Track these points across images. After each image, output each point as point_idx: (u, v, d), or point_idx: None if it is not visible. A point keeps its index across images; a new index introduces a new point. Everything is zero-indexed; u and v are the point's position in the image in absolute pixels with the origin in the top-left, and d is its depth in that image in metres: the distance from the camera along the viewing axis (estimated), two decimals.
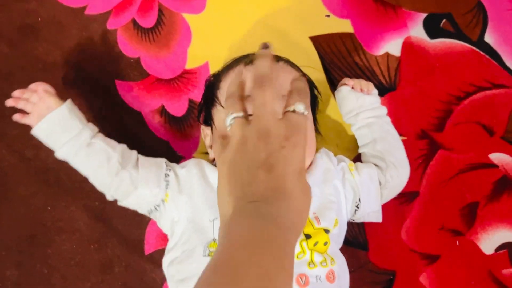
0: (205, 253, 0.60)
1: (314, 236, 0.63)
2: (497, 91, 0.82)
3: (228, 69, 0.73)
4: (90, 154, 0.67)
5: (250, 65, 0.70)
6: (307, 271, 0.61)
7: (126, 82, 0.86)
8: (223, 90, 0.71)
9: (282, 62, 0.73)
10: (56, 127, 0.69)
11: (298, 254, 0.61)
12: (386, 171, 0.73)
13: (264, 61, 0.45)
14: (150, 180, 0.67)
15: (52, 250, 0.77)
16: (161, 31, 0.88)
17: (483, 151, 0.80)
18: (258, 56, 0.46)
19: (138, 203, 0.69)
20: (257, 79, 0.45)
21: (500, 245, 0.76)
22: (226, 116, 0.46)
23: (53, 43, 0.88)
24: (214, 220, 0.63)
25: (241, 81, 0.52)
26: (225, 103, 0.49)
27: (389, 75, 0.85)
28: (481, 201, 0.78)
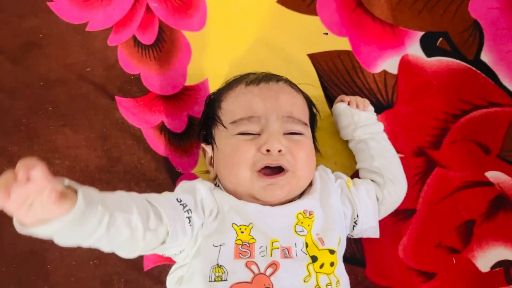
0: (211, 278, 0.60)
1: (320, 258, 0.63)
2: (493, 109, 0.83)
3: (229, 89, 0.74)
4: (113, 233, 0.53)
5: (250, 85, 0.72)
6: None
7: (126, 98, 0.87)
8: (224, 111, 0.72)
9: (281, 82, 0.74)
10: (70, 227, 0.48)
11: (305, 278, 0.61)
12: (383, 187, 0.73)
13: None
14: (178, 234, 0.60)
15: (53, 267, 0.78)
16: (161, 48, 0.89)
17: (479, 169, 0.80)
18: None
19: (159, 252, 0.63)
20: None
21: (496, 263, 0.76)
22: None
23: (55, 60, 0.89)
24: (221, 246, 0.62)
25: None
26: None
27: (386, 92, 0.86)
28: (477, 219, 0.79)
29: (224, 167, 0.69)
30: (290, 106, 0.70)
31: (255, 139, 0.67)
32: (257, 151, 0.66)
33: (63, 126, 0.85)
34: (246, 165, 0.66)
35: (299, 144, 0.68)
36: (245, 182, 0.66)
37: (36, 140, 0.84)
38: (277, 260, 0.61)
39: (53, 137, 0.85)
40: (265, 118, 0.68)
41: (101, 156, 0.84)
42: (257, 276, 0.60)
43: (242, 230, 0.63)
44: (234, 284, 0.59)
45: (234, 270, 0.60)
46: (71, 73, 0.88)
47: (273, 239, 0.63)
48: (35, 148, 0.84)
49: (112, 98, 0.87)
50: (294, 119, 0.70)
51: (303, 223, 0.66)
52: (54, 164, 0.83)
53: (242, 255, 0.61)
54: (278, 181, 0.65)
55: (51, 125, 0.85)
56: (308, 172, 0.70)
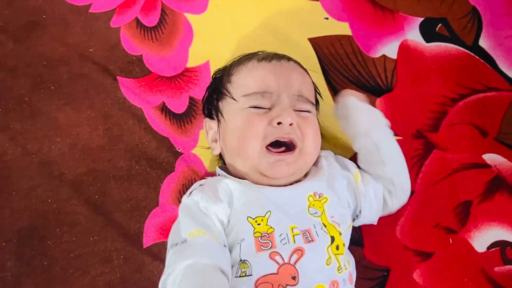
0: (237, 274, 0.59)
1: (336, 239, 0.64)
2: (491, 93, 0.84)
3: (239, 64, 0.74)
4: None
5: (263, 61, 0.72)
6: (337, 276, 0.61)
7: (128, 79, 0.87)
8: (236, 84, 0.71)
9: (292, 62, 0.75)
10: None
11: (327, 260, 0.61)
12: (394, 195, 0.73)
13: None
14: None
15: (53, 243, 0.78)
16: (163, 30, 0.90)
17: (476, 152, 0.81)
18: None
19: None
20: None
21: (493, 243, 0.77)
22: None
23: (57, 40, 0.90)
24: (241, 242, 0.61)
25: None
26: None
27: (386, 76, 0.87)
28: (474, 200, 0.79)
29: (233, 140, 0.69)
30: (300, 85, 0.71)
31: (267, 113, 0.67)
32: (268, 125, 0.66)
33: (65, 105, 0.86)
34: (257, 138, 0.66)
35: (307, 121, 0.69)
36: (254, 155, 0.66)
37: (38, 118, 0.85)
38: (301, 246, 0.60)
39: (55, 115, 0.85)
40: (277, 95, 0.68)
41: (102, 135, 0.85)
42: (282, 267, 0.59)
43: (258, 222, 0.62)
44: (260, 277, 0.58)
45: (258, 263, 0.59)
46: (73, 53, 0.89)
47: (292, 226, 0.62)
48: (37, 126, 0.85)
49: (114, 78, 0.88)
50: (303, 98, 0.70)
51: (315, 205, 0.66)
52: (55, 142, 0.84)
53: (263, 246, 0.60)
54: (285, 158, 0.66)
55: (53, 103, 0.86)
56: (315, 149, 0.70)
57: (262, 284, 0.58)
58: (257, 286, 0.58)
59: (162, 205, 0.82)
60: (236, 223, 0.63)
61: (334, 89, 0.87)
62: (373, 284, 0.78)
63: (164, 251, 0.78)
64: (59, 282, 0.76)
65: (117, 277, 0.77)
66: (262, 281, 0.58)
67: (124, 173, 0.82)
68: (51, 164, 0.82)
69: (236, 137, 0.68)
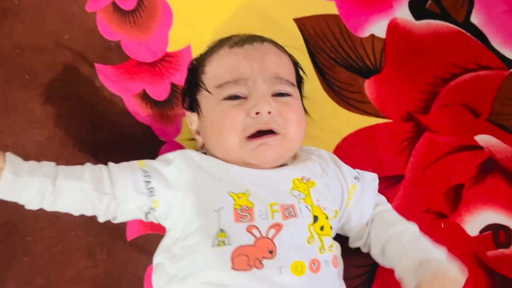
0: (214, 244, 0.58)
1: (320, 219, 0.63)
2: (483, 72, 0.81)
3: (212, 53, 0.71)
4: (62, 199, 0.60)
5: (234, 47, 0.69)
6: (318, 256, 0.60)
7: (106, 66, 0.84)
8: (208, 75, 0.69)
9: (266, 43, 0.71)
10: (8, 194, 0.59)
11: (308, 238, 0.60)
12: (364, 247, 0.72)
13: None
14: (129, 194, 0.62)
15: (33, 238, 0.76)
16: (141, 13, 0.86)
17: (468, 133, 0.79)
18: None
19: (130, 217, 0.65)
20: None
21: (485, 227, 0.75)
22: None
23: (31, 27, 0.86)
24: (220, 209, 0.60)
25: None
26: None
27: (374, 57, 0.84)
28: (466, 183, 0.77)
29: (212, 135, 0.67)
30: (276, 66, 0.68)
31: (243, 104, 0.64)
32: (246, 116, 0.63)
33: (41, 95, 0.82)
34: (235, 131, 0.63)
35: (288, 106, 0.66)
36: (234, 148, 0.64)
37: (13, 110, 0.82)
38: (279, 222, 0.60)
39: (30, 106, 0.82)
40: (252, 80, 0.65)
41: (81, 126, 0.82)
42: (259, 240, 0.58)
43: (240, 196, 0.61)
44: (237, 248, 0.57)
45: (236, 234, 0.58)
46: (48, 41, 0.85)
47: (272, 203, 0.61)
48: (13, 118, 0.82)
49: (92, 66, 0.84)
50: (281, 79, 0.67)
51: (299, 187, 0.64)
52: (33, 134, 0.81)
53: (242, 218, 0.59)
54: (269, 141, 0.64)
55: (28, 94, 0.83)
56: (300, 134, 0.68)
57: (238, 256, 0.57)
58: (233, 257, 0.57)
59: None
60: (211, 193, 0.62)
61: (321, 71, 0.84)
62: (363, 271, 0.77)
63: (149, 243, 0.76)
64: (41, 279, 0.74)
65: (101, 272, 0.75)
66: (239, 252, 0.57)
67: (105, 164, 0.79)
68: (29, 157, 0.78)
69: (214, 132, 0.66)
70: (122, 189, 0.61)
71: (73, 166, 0.63)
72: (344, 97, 0.83)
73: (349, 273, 0.71)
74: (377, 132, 0.81)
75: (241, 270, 0.57)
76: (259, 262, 0.57)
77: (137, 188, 0.62)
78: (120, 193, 0.61)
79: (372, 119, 0.82)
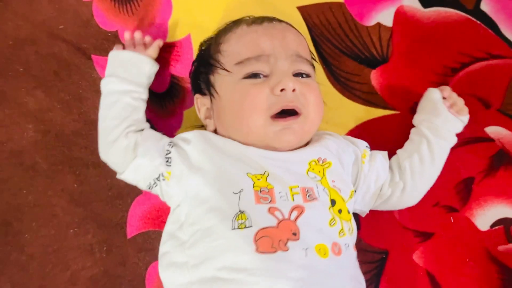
0: (235, 226, 0.56)
1: (338, 202, 0.61)
2: (494, 61, 0.78)
3: (228, 31, 0.68)
4: (117, 101, 0.69)
5: (253, 25, 0.66)
6: (338, 239, 0.59)
7: (104, 57, 0.81)
8: (226, 53, 0.66)
9: (284, 23, 0.70)
10: (127, 65, 0.71)
11: (330, 221, 0.59)
12: (396, 186, 0.69)
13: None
14: (150, 151, 0.64)
15: (29, 237, 0.74)
16: (140, 2, 0.83)
17: (479, 125, 0.76)
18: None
19: (137, 175, 0.65)
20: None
21: (496, 221, 0.73)
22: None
23: (23, 17, 0.83)
24: (241, 191, 0.58)
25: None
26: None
27: (381, 46, 0.81)
28: (476, 176, 0.75)
29: (231, 116, 0.65)
30: (297, 45, 0.67)
31: (265, 81, 0.62)
32: (270, 93, 0.61)
33: (35, 88, 0.80)
34: (260, 110, 0.61)
35: (309, 86, 0.65)
36: (258, 129, 0.62)
37: (7, 103, 0.79)
38: (301, 204, 0.58)
39: (24, 100, 0.79)
40: (274, 57, 0.63)
41: (77, 120, 0.79)
42: (282, 222, 0.56)
43: (258, 177, 0.60)
44: (260, 230, 0.55)
45: (258, 215, 0.56)
46: (41, 31, 0.82)
47: (291, 185, 0.60)
48: (6, 112, 0.79)
49: (88, 57, 0.81)
50: (302, 58, 0.66)
51: (314, 169, 0.63)
52: (27, 128, 0.78)
53: (263, 200, 0.58)
54: (292, 124, 0.62)
55: (22, 87, 0.80)
56: (319, 116, 0.67)
57: (262, 238, 0.55)
58: (256, 239, 0.55)
59: (146, 192, 0.77)
60: (229, 173, 0.60)
61: (326, 61, 0.81)
62: (371, 267, 0.75)
63: (150, 241, 0.74)
64: (37, 279, 0.72)
65: (100, 271, 0.73)
66: (262, 234, 0.55)
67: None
68: (23, 153, 0.77)
69: (234, 112, 0.64)
70: (146, 141, 0.65)
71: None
72: (350, 88, 0.80)
73: None
74: (384, 124, 0.79)
75: (266, 252, 0.54)
76: (284, 244, 0.55)
77: (159, 150, 0.64)
78: (143, 144, 0.65)
79: (379, 110, 0.79)
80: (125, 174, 0.66)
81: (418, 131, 0.72)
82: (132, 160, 0.65)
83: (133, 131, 0.68)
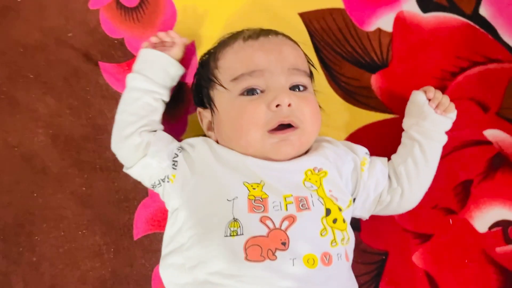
0: (227, 233, 0.58)
1: (333, 212, 0.62)
2: (492, 65, 0.79)
3: (225, 46, 0.70)
4: (139, 99, 0.70)
5: (249, 40, 0.68)
6: (330, 249, 0.60)
7: (110, 64, 0.83)
8: (222, 69, 0.68)
9: (280, 36, 0.71)
10: (154, 66, 0.73)
11: (321, 231, 0.60)
12: (394, 193, 0.70)
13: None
14: (160, 152, 0.66)
15: (40, 238, 0.76)
16: (145, 10, 0.85)
17: (477, 128, 0.78)
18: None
19: (144, 173, 0.67)
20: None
21: (494, 223, 0.74)
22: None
23: (33, 24, 0.85)
24: (234, 199, 0.60)
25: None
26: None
27: (381, 51, 0.82)
28: (475, 179, 0.76)
29: (230, 131, 0.66)
30: (294, 58, 0.68)
31: (262, 97, 0.64)
32: (267, 109, 0.63)
33: (45, 94, 0.82)
34: (257, 126, 0.63)
35: (306, 100, 0.66)
36: (256, 143, 0.64)
37: (17, 109, 0.82)
38: (293, 214, 0.59)
39: (35, 105, 0.82)
40: (269, 72, 0.64)
41: (85, 124, 0.81)
42: (272, 231, 0.58)
43: (254, 187, 0.61)
44: (250, 238, 0.57)
45: (249, 224, 0.58)
46: (50, 39, 0.85)
47: (286, 195, 0.61)
48: (17, 117, 0.81)
49: (95, 64, 0.83)
50: (299, 70, 0.67)
51: (311, 179, 0.64)
52: (37, 133, 0.81)
53: (256, 209, 0.59)
54: (289, 136, 0.63)
55: (32, 93, 0.82)
56: (316, 128, 0.68)
57: (251, 247, 0.57)
58: (246, 248, 0.57)
59: (152, 195, 0.79)
60: (226, 182, 0.62)
61: (326, 66, 0.83)
62: (371, 268, 0.76)
63: (155, 242, 0.76)
64: (49, 278, 0.75)
65: (108, 271, 0.75)
66: (252, 243, 0.57)
67: (110, 163, 0.79)
68: (34, 157, 0.79)
69: (233, 128, 0.66)
70: (157, 142, 0.67)
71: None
72: (351, 92, 0.82)
73: (357, 270, 0.70)
74: (384, 128, 0.80)
75: (255, 261, 0.56)
76: (272, 254, 0.57)
77: (169, 153, 0.66)
78: (154, 144, 0.67)
79: (379, 114, 0.80)
80: (133, 169, 0.68)
81: (409, 135, 0.73)
82: (141, 157, 0.66)
83: (147, 130, 0.69)
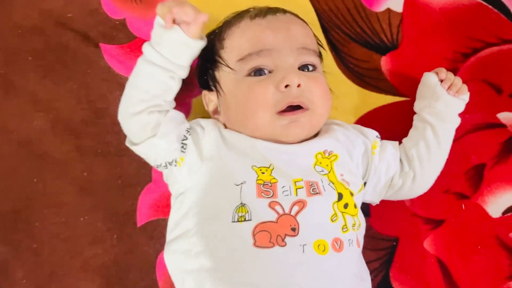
0: (234, 219, 0.56)
1: (344, 197, 0.61)
2: (506, 46, 0.78)
3: (231, 26, 0.67)
4: (154, 75, 0.64)
5: (256, 18, 0.66)
6: (341, 235, 0.58)
7: (111, 45, 0.81)
8: (228, 49, 0.66)
9: (289, 14, 0.69)
10: (174, 46, 0.64)
11: (332, 216, 0.59)
12: (406, 177, 0.69)
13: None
14: (170, 134, 0.62)
15: (40, 225, 0.74)
16: None
17: (490, 111, 0.76)
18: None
19: (150, 152, 0.64)
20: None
21: (508, 208, 0.73)
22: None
23: (30, 6, 0.82)
24: (242, 184, 0.58)
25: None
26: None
27: (391, 32, 0.80)
28: (488, 162, 0.75)
29: (237, 113, 0.64)
30: (303, 37, 0.66)
31: (270, 78, 0.61)
32: (276, 90, 0.61)
33: (43, 78, 0.79)
34: (265, 107, 0.61)
35: (315, 80, 0.64)
36: (265, 125, 0.62)
37: (15, 93, 0.79)
38: (303, 199, 0.58)
39: (33, 89, 0.79)
40: (277, 51, 0.62)
41: (86, 108, 0.79)
42: (282, 217, 0.56)
43: (263, 171, 0.60)
44: (258, 224, 0.55)
45: (258, 209, 0.56)
46: (49, 20, 0.81)
47: (296, 179, 0.59)
48: (15, 101, 0.79)
49: (96, 46, 0.81)
50: (309, 50, 0.65)
51: (321, 163, 0.62)
52: (36, 117, 0.78)
53: (264, 194, 0.57)
54: (299, 118, 0.61)
55: (30, 76, 0.79)
56: (327, 109, 0.66)
57: (260, 233, 0.55)
58: (255, 233, 0.55)
59: (156, 180, 0.77)
60: (235, 166, 0.60)
61: (335, 48, 0.81)
62: (381, 254, 0.74)
63: (159, 229, 0.74)
64: (49, 266, 0.72)
65: (110, 259, 0.73)
66: (261, 229, 0.55)
67: (112, 148, 0.77)
68: (33, 142, 0.77)
69: (240, 110, 0.63)
70: (168, 124, 0.63)
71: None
72: (360, 74, 0.80)
73: (367, 256, 0.68)
74: (394, 111, 0.78)
75: (263, 247, 0.55)
76: (281, 240, 0.55)
77: (178, 135, 0.63)
78: (165, 126, 0.62)
79: (389, 97, 0.79)
80: (138, 147, 0.64)
81: (420, 118, 0.71)
82: (149, 137, 0.63)
83: (158, 111, 0.64)
